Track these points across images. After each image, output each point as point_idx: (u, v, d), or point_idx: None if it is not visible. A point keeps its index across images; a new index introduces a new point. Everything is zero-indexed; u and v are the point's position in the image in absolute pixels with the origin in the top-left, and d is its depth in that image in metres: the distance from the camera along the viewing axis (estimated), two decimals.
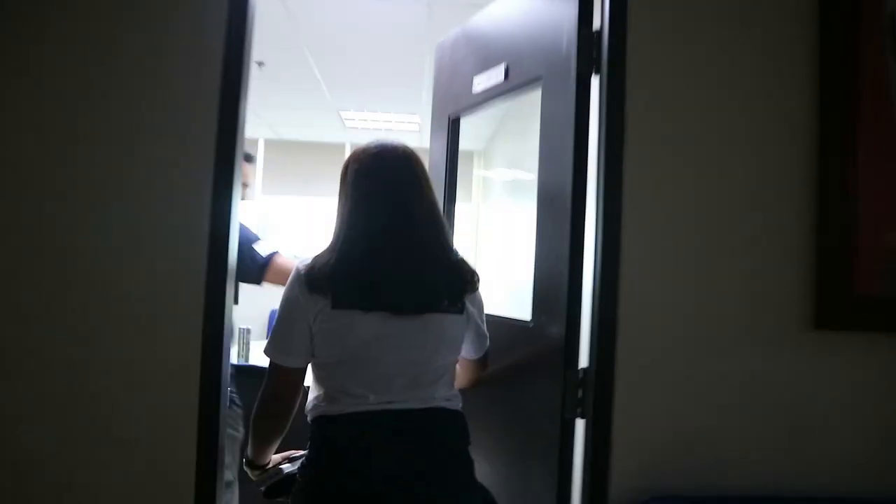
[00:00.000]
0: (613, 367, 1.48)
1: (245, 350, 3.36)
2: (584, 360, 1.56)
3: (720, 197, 1.53)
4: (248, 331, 3.42)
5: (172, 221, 1.45)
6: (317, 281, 1.36)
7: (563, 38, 1.66)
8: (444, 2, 3.16)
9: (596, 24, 1.61)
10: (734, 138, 1.54)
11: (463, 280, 1.49)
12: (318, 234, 6.81)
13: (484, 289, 1.62)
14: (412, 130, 6.43)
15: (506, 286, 5.01)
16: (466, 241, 7.54)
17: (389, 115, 6.00)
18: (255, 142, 7.05)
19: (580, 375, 1.55)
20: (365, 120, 6.24)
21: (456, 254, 1.51)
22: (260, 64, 4.23)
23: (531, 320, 1.70)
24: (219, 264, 1.44)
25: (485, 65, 2.01)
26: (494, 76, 1.94)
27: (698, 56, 1.55)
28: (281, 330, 1.42)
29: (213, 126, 1.45)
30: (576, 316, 1.56)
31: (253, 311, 3.75)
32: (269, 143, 7.05)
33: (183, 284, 1.43)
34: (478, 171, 7.54)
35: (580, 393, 1.54)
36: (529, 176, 4.23)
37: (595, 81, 1.60)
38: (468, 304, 1.50)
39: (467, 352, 1.60)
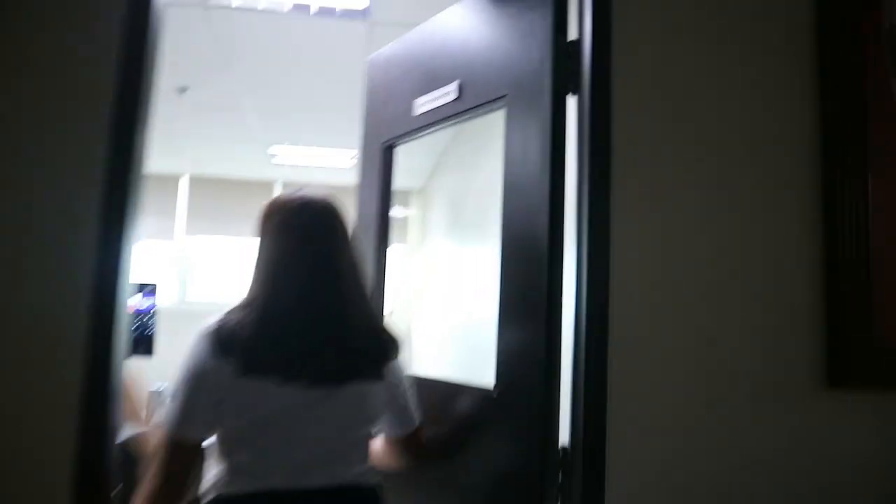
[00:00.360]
0: (604, 443, 1.21)
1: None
2: (564, 436, 1.28)
3: (721, 238, 1.31)
4: (162, 392, 2.99)
5: (47, 267, 1.15)
6: (228, 343, 1.22)
7: (532, 50, 1.43)
8: (386, 22, 2.90)
9: (573, 34, 1.38)
10: (737, 170, 1.33)
11: (384, 347, 1.38)
12: (245, 277, 6.42)
13: (425, 347, 1.36)
14: (347, 167, 6.14)
15: (453, 343, 4.75)
16: (401, 289, 7.32)
17: (323, 149, 5.69)
18: (178, 178, 6.63)
19: (561, 455, 1.27)
20: (295, 155, 5.92)
21: (378, 318, 1.41)
22: (182, 90, 3.88)
23: (494, 388, 1.41)
24: (104, 318, 1.16)
25: (430, 83, 1.75)
26: (443, 96, 1.68)
27: (693, 71, 1.34)
28: (182, 397, 1.24)
29: (100, 160, 1.17)
30: (553, 383, 1.29)
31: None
32: (194, 180, 6.63)
33: (58, 339, 1.14)
34: (415, 212, 7.34)
35: (561, 476, 1.26)
36: (477, 216, 4.02)
37: (572, 101, 1.37)
38: (388, 373, 1.38)
39: (390, 429, 1.46)
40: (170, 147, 5.67)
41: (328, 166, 6.25)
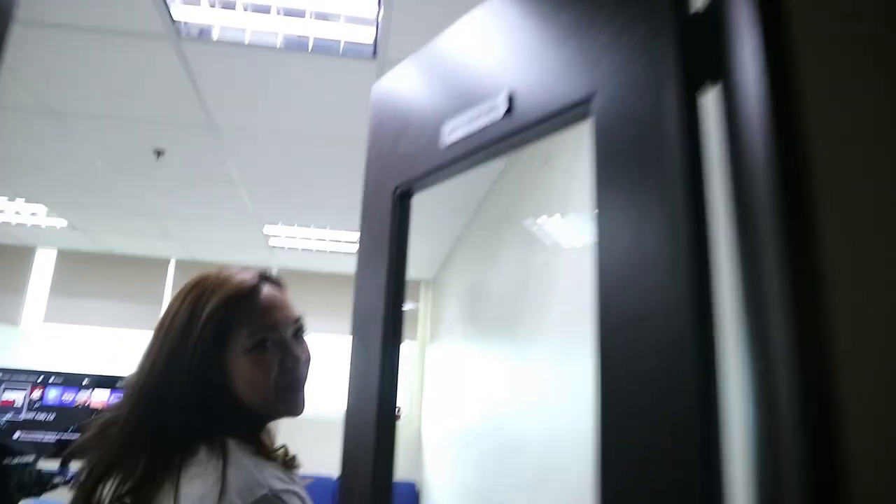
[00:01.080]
0: None
1: None
2: None
3: None
4: None
5: None
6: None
7: (636, 27, 0.89)
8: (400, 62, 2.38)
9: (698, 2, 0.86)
10: None
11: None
12: None
13: (436, 452, 0.77)
14: (351, 252, 5.61)
15: (468, 450, 4.05)
16: (409, 389, 6.67)
17: (324, 231, 5.16)
18: (167, 262, 6.11)
19: None
20: (293, 237, 5.39)
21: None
22: (158, 153, 3.37)
23: None
24: None
25: (466, 100, 1.20)
26: (484, 113, 1.13)
27: None
28: None
29: None
30: None
31: None
32: (182, 265, 6.10)
33: None
34: (424, 306, 6.85)
35: None
36: (502, 309, 3.42)
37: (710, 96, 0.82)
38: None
39: None
40: (153, 225, 5.15)
41: (332, 251, 5.72)
